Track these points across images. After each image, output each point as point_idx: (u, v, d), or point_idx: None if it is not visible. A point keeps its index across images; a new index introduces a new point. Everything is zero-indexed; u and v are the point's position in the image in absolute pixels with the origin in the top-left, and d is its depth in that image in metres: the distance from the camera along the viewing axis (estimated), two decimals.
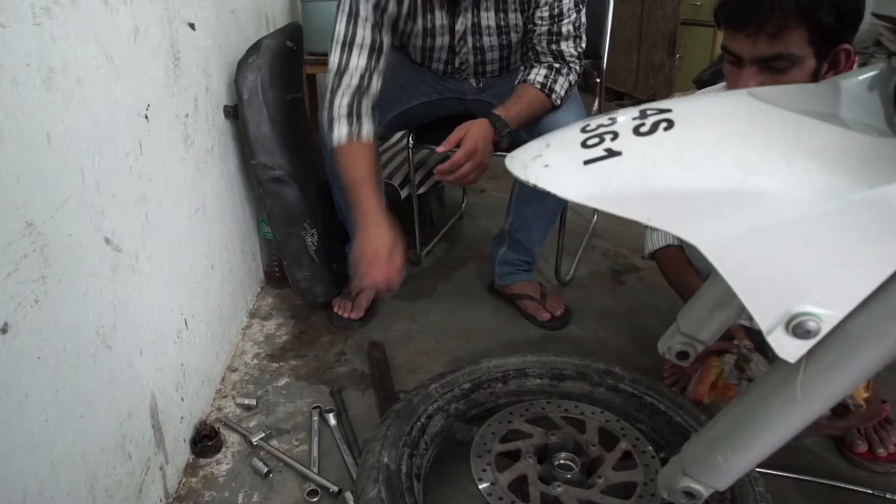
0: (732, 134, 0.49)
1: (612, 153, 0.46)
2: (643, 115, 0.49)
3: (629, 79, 4.55)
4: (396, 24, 1.46)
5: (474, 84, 1.66)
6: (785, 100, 0.54)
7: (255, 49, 1.55)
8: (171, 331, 1.14)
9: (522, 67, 1.49)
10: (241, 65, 1.52)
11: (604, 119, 0.50)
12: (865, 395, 1.14)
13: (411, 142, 1.77)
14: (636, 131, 0.47)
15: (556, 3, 1.39)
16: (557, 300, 1.69)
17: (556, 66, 1.45)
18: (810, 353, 0.49)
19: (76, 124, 0.82)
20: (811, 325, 0.47)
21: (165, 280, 1.11)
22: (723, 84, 1.19)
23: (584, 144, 0.47)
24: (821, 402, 0.53)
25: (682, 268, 1.25)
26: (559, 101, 1.46)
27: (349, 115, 1.36)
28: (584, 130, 0.49)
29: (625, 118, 0.49)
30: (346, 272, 1.73)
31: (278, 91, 1.56)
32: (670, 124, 0.48)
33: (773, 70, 0.94)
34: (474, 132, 1.33)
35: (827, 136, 0.50)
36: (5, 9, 0.67)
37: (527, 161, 0.48)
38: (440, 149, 1.34)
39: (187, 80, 1.26)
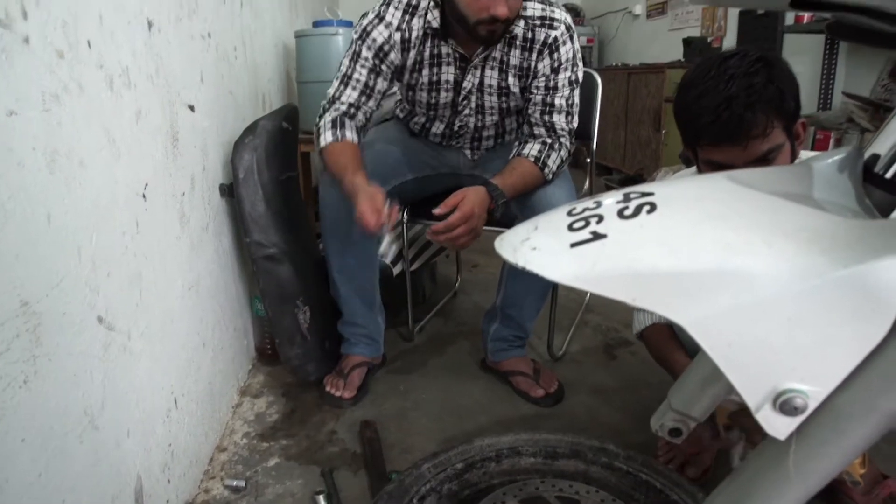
0: (713, 216, 0.51)
1: (597, 236, 0.48)
2: (627, 198, 0.51)
3: (617, 154, 4.68)
4: (402, 74, 1.55)
5: (469, 156, 1.72)
6: (761, 182, 0.56)
7: (251, 130, 1.60)
8: (161, 410, 1.13)
9: (517, 143, 1.56)
10: (238, 145, 1.56)
11: (589, 203, 0.52)
12: (862, 471, 1.13)
13: (405, 217, 1.80)
14: (620, 214, 0.49)
15: (552, 76, 1.49)
16: (551, 376, 1.68)
17: (549, 141, 1.52)
18: (800, 431, 0.49)
19: (76, 205, 0.84)
20: (798, 401, 0.48)
21: (157, 358, 1.11)
22: None
23: (570, 227, 0.49)
24: (815, 479, 0.52)
25: (667, 345, 1.26)
26: (551, 176, 1.52)
27: (333, 126, 1.49)
28: (570, 214, 0.51)
29: (609, 202, 0.51)
30: (338, 350, 1.72)
31: (273, 170, 1.60)
32: (653, 207, 0.50)
33: (766, 163, 1.00)
34: (471, 198, 1.37)
35: (802, 217, 0.52)
36: (18, 97, 0.71)
37: (516, 244, 0.50)
38: (437, 211, 1.38)
39: (185, 159, 1.30)
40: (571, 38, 1.50)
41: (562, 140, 1.53)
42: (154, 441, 1.08)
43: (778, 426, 0.50)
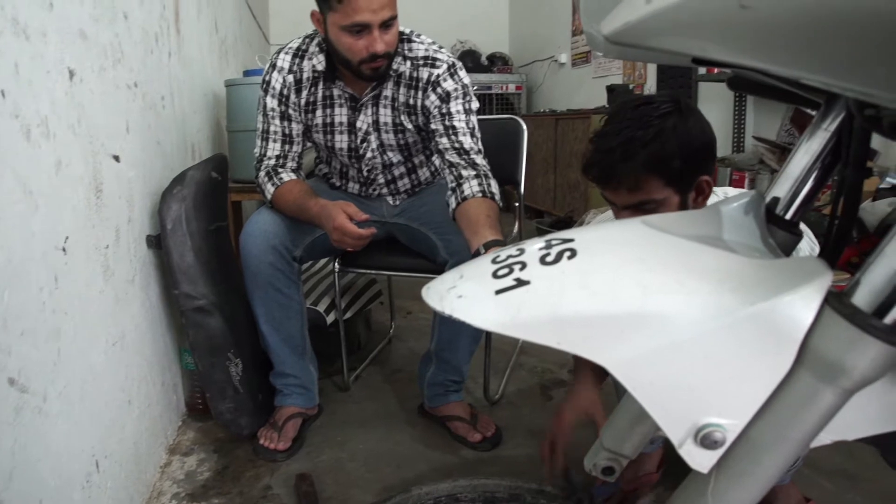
0: (630, 260, 0.53)
1: (521, 282, 0.49)
2: (549, 245, 0.53)
3: (548, 197, 4.81)
4: (302, 115, 1.62)
5: (391, 202, 1.74)
6: (675, 226, 0.60)
7: (179, 180, 1.57)
8: (80, 475, 1.06)
9: (449, 192, 1.52)
10: (166, 195, 1.53)
11: (513, 250, 0.54)
12: None
13: (337, 266, 1.79)
14: (543, 261, 0.51)
15: (443, 106, 1.57)
16: (488, 420, 1.68)
17: (474, 171, 1.51)
18: (719, 464, 0.52)
19: None
20: (717, 435, 0.50)
21: (76, 420, 1.05)
22: None
23: (495, 275, 0.51)
24: None
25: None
26: (501, 202, 1.53)
27: (269, 179, 1.60)
28: (494, 261, 0.52)
29: (532, 248, 0.53)
30: (272, 403, 1.68)
31: (202, 221, 1.57)
32: (574, 253, 0.52)
33: (644, 211, 1.01)
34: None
35: (713, 258, 0.55)
36: None
37: (442, 292, 0.51)
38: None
39: (109, 210, 1.26)
40: (453, 75, 1.58)
41: (479, 163, 1.53)
42: None
43: (700, 460, 0.52)
